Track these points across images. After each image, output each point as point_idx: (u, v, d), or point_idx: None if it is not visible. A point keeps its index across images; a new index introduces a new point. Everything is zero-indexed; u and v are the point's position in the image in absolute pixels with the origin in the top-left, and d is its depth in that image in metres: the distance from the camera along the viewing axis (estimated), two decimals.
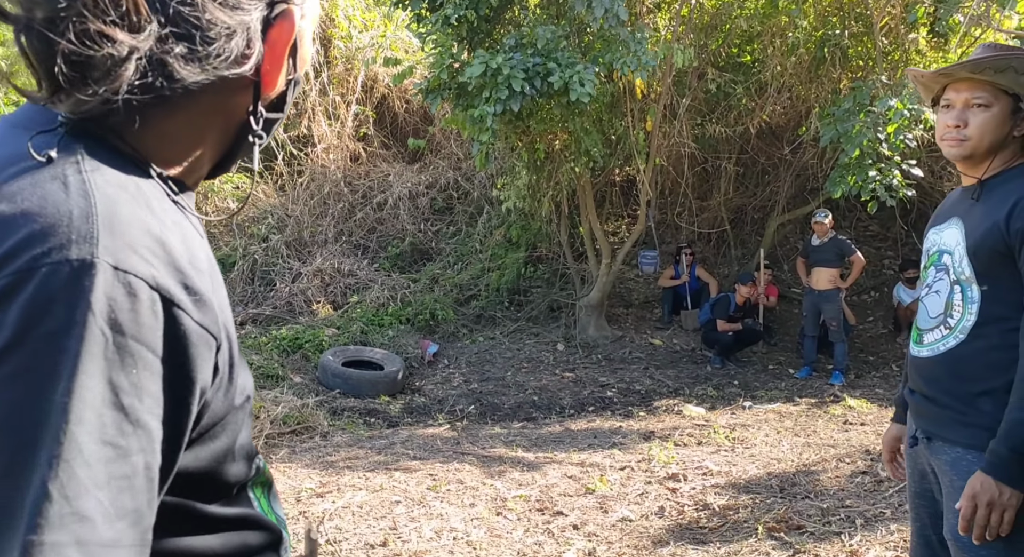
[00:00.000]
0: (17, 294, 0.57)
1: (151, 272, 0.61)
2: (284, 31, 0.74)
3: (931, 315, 1.84)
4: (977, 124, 1.72)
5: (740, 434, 5.49)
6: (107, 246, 0.59)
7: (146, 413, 0.60)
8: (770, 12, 7.32)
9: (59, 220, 0.59)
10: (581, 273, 9.16)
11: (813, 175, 8.98)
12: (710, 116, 8.68)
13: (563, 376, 7.55)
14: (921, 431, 1.86)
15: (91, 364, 0.57)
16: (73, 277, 0.58)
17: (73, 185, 0.62)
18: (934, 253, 1.88)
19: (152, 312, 0.60)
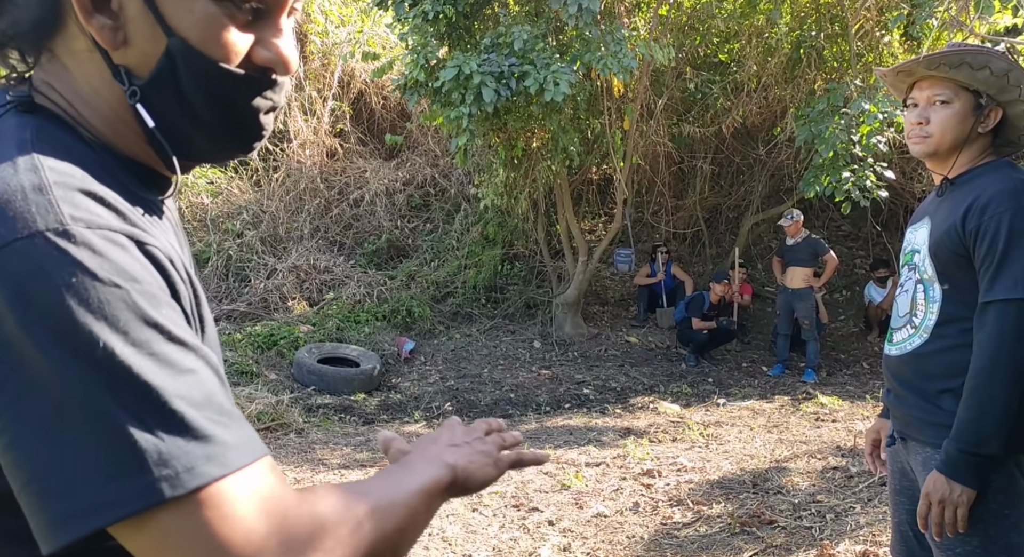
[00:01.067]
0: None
1: (121, 226, 0.60)
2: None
3: (900, 314, 1.86)
4: (938, 121, 1.72)
5: (714, 431, 5.54)
6: (71, 212, 0.58)
7: (190, 336, 0.61)
8: (748, 12, 7.39)
9: (12, 196, 0.57)
10: (558, 271, 9.19)
11: (787, 175, 9.09)
12: (686, 116, 8.75)
13: (539, 373, 7.57)
14: (897, 431, 1.87)
15: (121, 317, 0.56)
16: (53, 247, 0.55)
17: (21, 161, 0.60)
18: (908, 252, 1.89)
19: (141, 257, 0.60)
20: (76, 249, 0.56)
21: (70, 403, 0.54)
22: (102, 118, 0.70)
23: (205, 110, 0.70)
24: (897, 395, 1.84)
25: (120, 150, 0.71)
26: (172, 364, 0.57)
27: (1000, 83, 1.67)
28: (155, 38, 0.67)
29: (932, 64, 1.71)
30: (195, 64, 0.68)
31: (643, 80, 7.55)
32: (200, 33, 0.67)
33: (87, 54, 0.68)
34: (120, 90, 0.68)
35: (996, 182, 1.66)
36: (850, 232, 10.31)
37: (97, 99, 0.69)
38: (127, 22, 0.66)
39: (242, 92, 0.71)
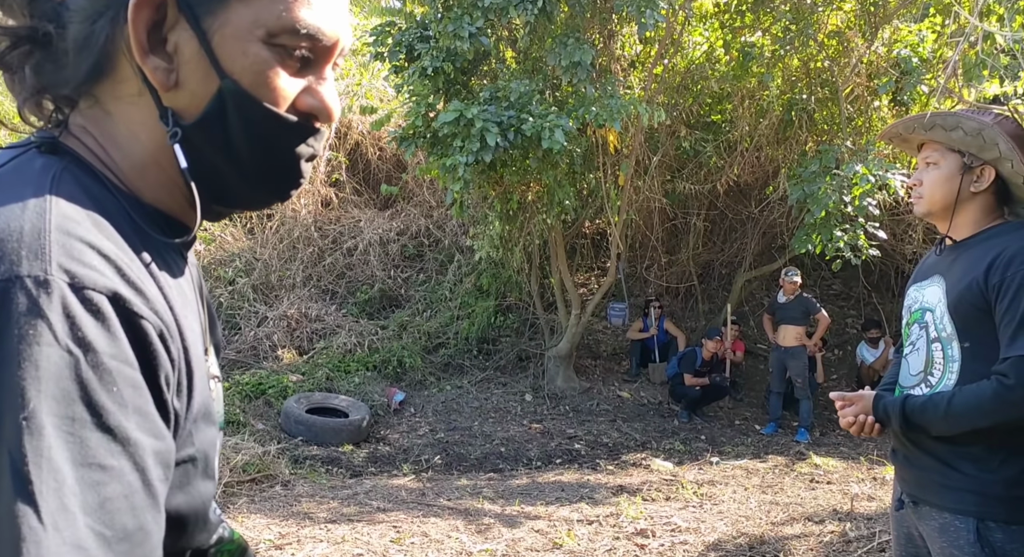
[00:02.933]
0: None
1: (110, 286, 0.58)
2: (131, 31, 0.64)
3: (912, 372, 1.82)
4: (928, 182, 1.79)
5: (708, 490, 5.45)
6: (61, 263, 0.56)
7: (135, 429, 0.57)
8: (740, 74, 7.55)
9: (9, 236, 0.56)
10: (550, 323, 9.16)
11: (779, 233, 9.17)
12: (680, 173, 8.86)
13: (531, 427, 7.48)
14: (907, 495, 1.82)
15: (60, 386, 0.53)
16: (26, 295, 0.54)
17: (32, 203, 0.59)
18: (916, 310, 1.86)
19: (119, 326, 0.57)
20: (47, 302, 0.54)
21: None
22: (134, 164, 0.69)
23: (249, 154, 0.70)
24: (908, 457, 1.80)
25: (146, 198, 0.70)
26: (86, 453, 0.54)
27: (977, 142, 1.71)
28: (207, 80, 0.66)
29: (908, 128, 1.81)
30: (245, 107, 0.67)
31: (638, 137, 7.66)
32: (252, 77, 0.67)
33: (133, 98, 0.68)
34: (160, 134, 0.68)
35: (1018, 240, 1.67)
36: (841, 291, 10.36)
37: (134, 144, 0.69)
38: (181, 64, 0.66)
39: (287, 138, 0.71)
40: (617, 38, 7.77)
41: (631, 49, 8.24)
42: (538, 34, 6.88)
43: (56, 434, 0.52)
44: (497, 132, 6.20)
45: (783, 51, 7.44)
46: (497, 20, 6.83)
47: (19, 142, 0.69)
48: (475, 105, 6.37)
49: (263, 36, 0.66)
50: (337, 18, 0.70)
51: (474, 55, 6.84)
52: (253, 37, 0.66)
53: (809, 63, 7.81)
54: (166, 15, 0.65)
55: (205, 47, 0.66)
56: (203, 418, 0.70)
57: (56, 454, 0.52)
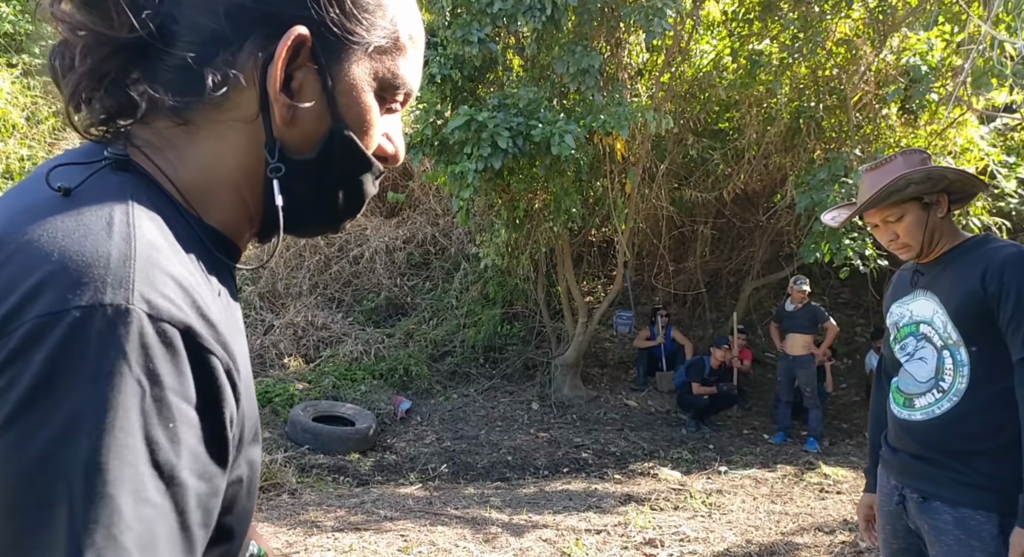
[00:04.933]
0: (44, 338, 0.53)
1: (185, 320, 0.58)
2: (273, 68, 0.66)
3: (920, 380, 1.95)
4: (904, 232, 1.96)
5: (717, 499, 5.41)
6: (142, 293, 0.56)
7: (183, 469, 0.57)
8: (748, 82, 7.54)
9: (96, 261, 0.56)
10: (557, 332, 9.13)
11: (787, 241, 9.13)
12: (687, 180, 8.84)
13: (537, 436, 7.44)
14: (913, 490, 1.93)
15: (127, 418, 0.53)
16: (107, 323, 0.54)
17: (117, 226, 0.59)
18: (909, 324, 2.01)
19: (187, 361, 0.57)
20: (125, 331, 0.54)
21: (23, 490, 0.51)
22: (207, 185, 0.69)
23: (334, 193, 0.75)
24: (918, 457, 1.92)
25: (210, 219, 0.70)
26: (141, 488, 0.53)
27: (928, 184, 1.92)
28: (320, 121, 0.70)
29: (871, 206, 1.96)
30: (349, 150, 0.72)
31: (645, 145, 7.65)
32: (360, 123, 0.72)
33: (236, 124, 0.69)
34: (252, 162, 0.70)
35: (999, 250, 1.85)
36: (850, 300, 10.31)
37: (217, 167, 0.69)
38: (300, 103, 0.69)
39: (370, 179, 0.76)
40: (624, 46, 7.77)
41: (638, 57, 8.24)
42: (546, 42, 6.88)
43: (119, 464, 0.52)
44: (508, 136, 6.19)
45: (791, 59, 7.43)
46: (505, 27, 6.84)
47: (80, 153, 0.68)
48: (484, 111, 6.37)
49: (375, 88, 0.72)
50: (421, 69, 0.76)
51: (482, 62, 6.85)
52: (368, 88, 0.71)
53: (817, 71, 7.80)
54: (298, 55, 0.67)
55: (328, 91, 0.69)
56: (253, 438, 0.70)
57: (117, 485, 0.52)
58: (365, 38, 0.70)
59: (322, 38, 0.68)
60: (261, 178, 0.70)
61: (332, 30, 0.68)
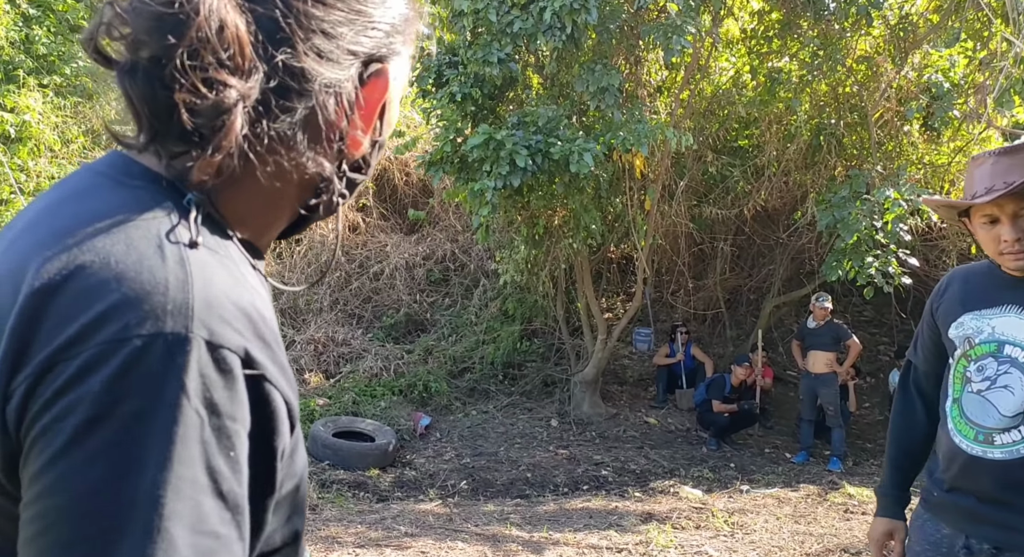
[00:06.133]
0: (103, 366, 0.52)
1: (243, 344, 0.57)
2: (377, 90, 0.71)
3: (1004, 413, 1.70)
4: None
5: (739, 519, 5.36)
6: (202, 319, 0.55)
7: (244, 497, 0.57)
8: (767, 100, 7.54)
9: (155, 288, 0.55)
10: (576, 349, 9.11)
11: (808, 258, 9.08)
12: (707, 197, 8.83)
13: (557, 453, 7.41)
14: (983, 540, 1.71)
15: (186, 449, 0.53)
16: (167, 352, 0.53)
17: (169, 250, 0.58)
18: (989, 341, 1.74)
19: (243, 388, 0.57)
20: (185, 361, 0.54)
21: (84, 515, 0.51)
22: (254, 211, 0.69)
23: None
24: (993, 501, 1.70)
25: (234, 225, 0.68)
26: (202, 520, 0.53)
27: None
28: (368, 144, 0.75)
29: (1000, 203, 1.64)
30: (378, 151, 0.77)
31: (664, 162, 7.67)
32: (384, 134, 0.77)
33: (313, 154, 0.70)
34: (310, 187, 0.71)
35: None
36: (873, 318, 10.21)
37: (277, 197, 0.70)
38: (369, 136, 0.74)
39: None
40: (644, 64, 7.81)
41: (657, 75, 8.27)
42: (565, 61, 6.93)
43: (176, 497, 0.52)
44: (526, 155, 6.23)
45: (811, 76, 7.43)
46: (525, 47, 6.90)
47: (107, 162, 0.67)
48: (504, 129, 6.42)
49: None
50: None
51: (502, 81, 6.91)
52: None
53: (837, 88, 7.79)
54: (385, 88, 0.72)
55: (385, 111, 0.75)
56: (298, 450, 0.70)
57: (173, 519, 0.52)
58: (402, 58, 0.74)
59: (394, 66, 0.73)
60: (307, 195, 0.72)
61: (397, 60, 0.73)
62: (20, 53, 8.03)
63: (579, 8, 6.00)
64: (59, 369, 0.53)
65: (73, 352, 0.53)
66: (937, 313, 1.89)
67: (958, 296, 1.84)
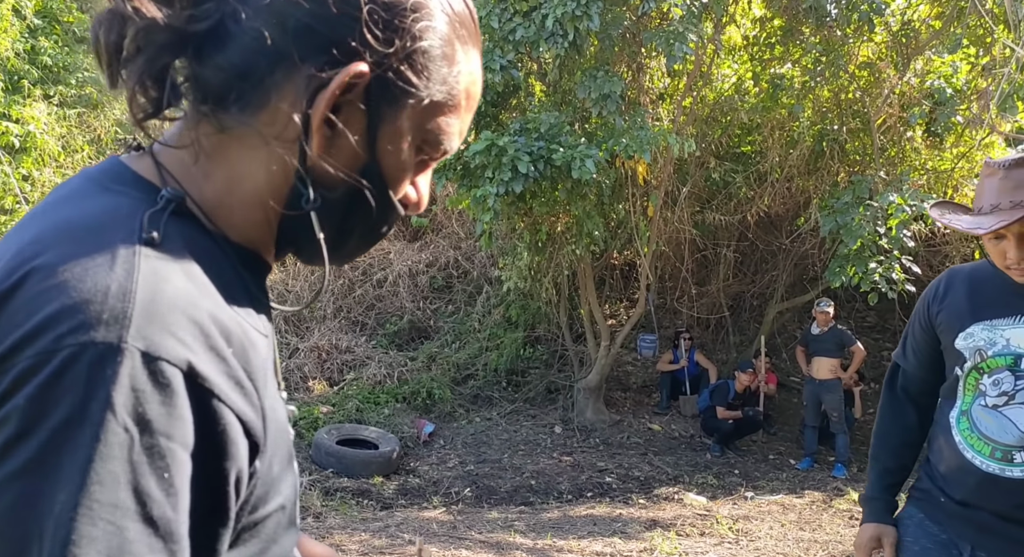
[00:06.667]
0: (32, 379, 0.50)
1: (187, 357, 0.53)
2: (323, 96, 0.63)
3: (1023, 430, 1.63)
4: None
5: (744, 526, 5.34)
6: (140, 328, 0.52)
7: (180, 523, 0.52)
8: (770, 106, 7.55)
9: (94, 297, 0.52)
10: (580, 355, 9.11)
11: (811, 264, 9.08)
12: (710, 203, 8.83)
13: (560, 460, 7.40)
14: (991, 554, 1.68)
15: (108, 469, 0.49)
16: (95, 362, 0.50)
17: (121, 257, 0.55)
18: (1004, 354, 1.67)
19: (186, 404, 0.53)
20: (114, 372, 0.50)
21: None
22: (233, 201, 0.67)
23: (353, 231, 0.72)
24: (1009, 519, 1.64)
25: (233, 236, 0.67)
26: (123, 547, 0.49)
27: None
28: (353, 159, 0.67)
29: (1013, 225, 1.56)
30: (378, 192, 0.69)
31: (667, 168, 7.67)
32: (393, 170, 0.69)
33: (273, 142, 0.65)
34: (276, 186, 0.67)
35: None
36: (876, 323, 10.20)
37: (246, 182, 0.66)
38: (339, 137, 0.66)
39: (389, 222, 0.74)
40: (646, 71, 7.83)
41: (660, 81, 8.29)
42: (568, 67, 6.95)
43: (90, 522, 0.48)
44: (528, 161, 6.24)
45: (813, 82, 7.44)
46: (527, 54, 6.92)
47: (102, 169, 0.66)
48: (506, 135, 6.44)
49: (418, 141, 0.70)
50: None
51: (504, 88, 6.93)
52: (409, 139, 0.69)
53: (840, 94, 7.80)
54: (352, 89, 0.64)
55: (371, 132, 0.67)
56: (287, 466, 0.67)
57: (84, 545, 0.48)
58: (423, 90, 0.67)
59: (380, 80, 0.65)
60: (282, 202, 0.67)
61: (392, 77, 0.65)
62: (26, 64, 8.09)
63: (581, 15, 6.02)
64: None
65: (8, 365, 0.51)
66: (937, 319, 1.80)
67: (964, 303, 1.76)
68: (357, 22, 0.63)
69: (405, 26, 0.65)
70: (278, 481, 0.65)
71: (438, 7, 0.67)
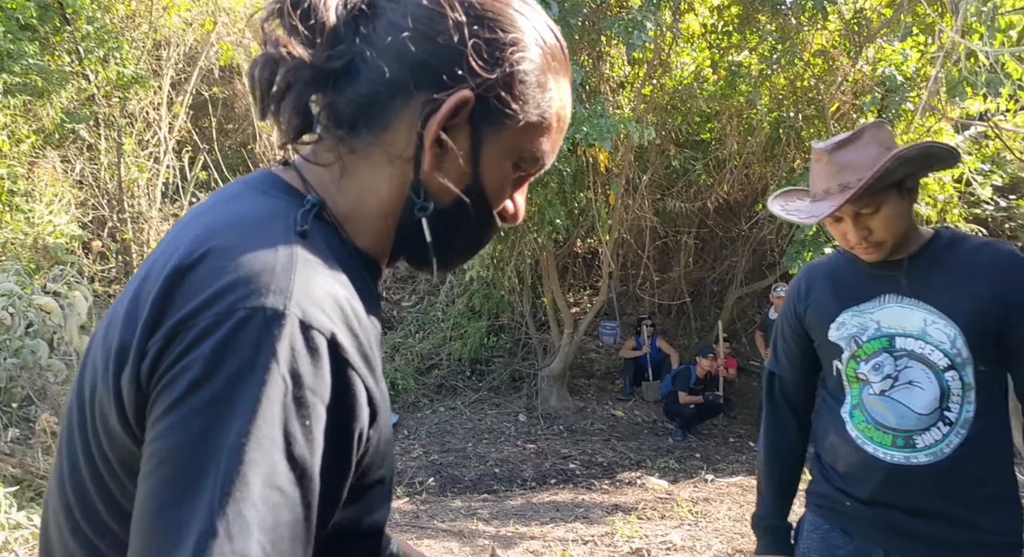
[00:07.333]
0: (214, 333, 0.61)
1: (332, 329, 0.65)
2: (435, 119, 0.74)
3: (919, 411, 1.57)
4: (883, 227, 1.57)
5: (703, 508, 5.43)
6: (298, 300, 0.64)
7: (314, 466, 0.63)
8: (728, 93, 7.62)
9: (263, 272, 0.65)
10: (543, 343, 9.15)
11: (770, 250, 9.21)
12: (670, 191, 8.90)
13: (525, 447, 7.44)
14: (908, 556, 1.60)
15: (269, 410, 0.60)
16: (264, 324, 0.62)
17: (283, 245, 0.68)
18: (877, 337, 1.63)
19: (328, 367, 0.64)
20: (279, 333, 0.62)
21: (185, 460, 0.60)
22: (361, 213, 0.79)
23: (458, 239, 0.83)
24: (919, 513, 1.57)
25: (359, 243, 0.79)
26: (274, 475, 0.60)
27: (922, 164, 1.58)
28: (461, 176, 0.78)
29: (862, 194, 1.54)
30: (480, 206, 0.80)
31: (628, 156, 7.71)
32: (494, 185, 0.80)
33: (394, 163, 0.77)
34: (395, 200, 0.79)
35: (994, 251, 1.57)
36: None
37: (371, 197, 0.79)
38: (448, 155, 0.77)
39: (489, 232, 0.85)
40: (606, 59, 7.84)
41: (620, 70, 8.31)
42: None
43: (256, 449, 0.59)
44: None
45: (770, 70, 7.52)
46: None
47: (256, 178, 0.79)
48: None
49: (515, 158, 0.80)
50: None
51: None
52: (508, 156, 0.80)
53: (796, 81, 7.90)
54: (458, 114, 0.75)
55: (475, 152, 0.78)
56: (389, 446, 0.77)
57: (251, 466, 0.59)
58: (520, 114, 0.78)
59: (483, 105, 0.76)
60: (399, 215, 0.79)
61: (494, 101, 0.76)
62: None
63: (539, 3, 6.00)
64: (182, 336, 0.62)
65: (193, 322, 0.62)
66: (806, 317, 1.77)
67: (829, 296, 1.73)
68: (463, 56, 0.74)
69: (504, 57, 0.76)
70: (383, 455, 0.75)
71: (533, 41, 0.78)
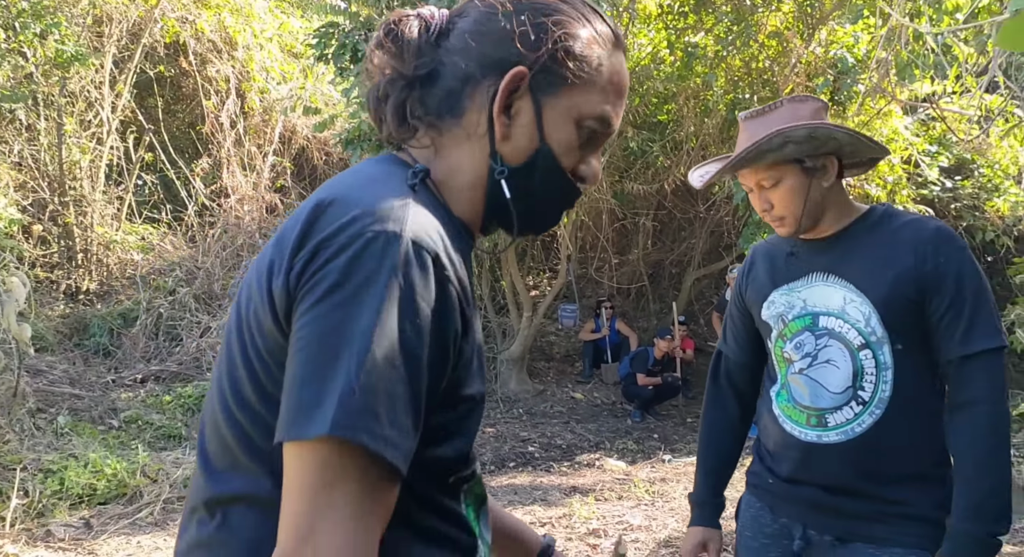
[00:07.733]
0: (348, 249, 0.78)
1: (436, 250, 0.81)
2: (498, 97, 0.90)
3: (832, 390, 1.58)
4: (780, 202, 1.59)
5: (660, 488, 5.46)
6: (411, 228, 0.80)
7: (423, 355, 0.78)
8: (685, 75, 7.61)
9: (384, 206, 0.81)
10: (502, 327, 9.11)
11: (727, 231, 9.28)
12: (628, 173, 8.89)
13: (484, 431, 7.41)
14: (824, 531, 1.61)
15: (389, 308, 0.76)
16: (386, 242, 0.78)
17: (397, 191, 0.85)
18: (802, 315, 1.64)
19: (432, 278, 0.79)
20: (397, 248, 0.78)
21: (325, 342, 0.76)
22: (453, 185, 0.94)
23: (538, 201, 0.96)
24: (833, 489, 1.59)
25: (455, 211, 0.94)
26: (391, 355, 0.75)
27: (811, 145, 1.55)
28: (530, 141, 0.93)
29: (736, 167, 1.59)
30: (550, 167, 0.94)
31: None
32: (560, 146, 0.93)
33: (470, 138, 0.93)
34: (481, 169, 0.94)
35: (922, 226, 1.56)
36: None
37: (459, 172, 0.94)
38: (516, 124, 0.92)
39: (566, 196, 0.98)
40: None
41: None
42: None
43: (380, 334, 0.75)
44: None
45: (725, 51, 7.53)
46: None
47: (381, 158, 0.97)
48: None
49: (577, 118, 0.93)
50: (621, 113, 0.98)
51: None
52: (570, 118, 0.93)
53: (751, 63, 7.92)
54: (518, 88, 0.91)
55: (538, 118, 0.92)
56: (479, 372, 0.90)
57: (376, 347, 0.75)
58: (571, 79, 0.92)
59: (538, 77, 0.91)
60: (485, 183, 0.94)
61: (546, 73, 0.91)
62: None
63: None
64: (323, 251, 0.79)
65: (332, 241, 0.79)
66: (747, 295, 1.78)
67: (764, 275, 1.73)
68: (513, 40, 0.91)
69: (548, 34, 0.91)
70: (473, 375, 0.88)
71: (576, 18, 0.94)
